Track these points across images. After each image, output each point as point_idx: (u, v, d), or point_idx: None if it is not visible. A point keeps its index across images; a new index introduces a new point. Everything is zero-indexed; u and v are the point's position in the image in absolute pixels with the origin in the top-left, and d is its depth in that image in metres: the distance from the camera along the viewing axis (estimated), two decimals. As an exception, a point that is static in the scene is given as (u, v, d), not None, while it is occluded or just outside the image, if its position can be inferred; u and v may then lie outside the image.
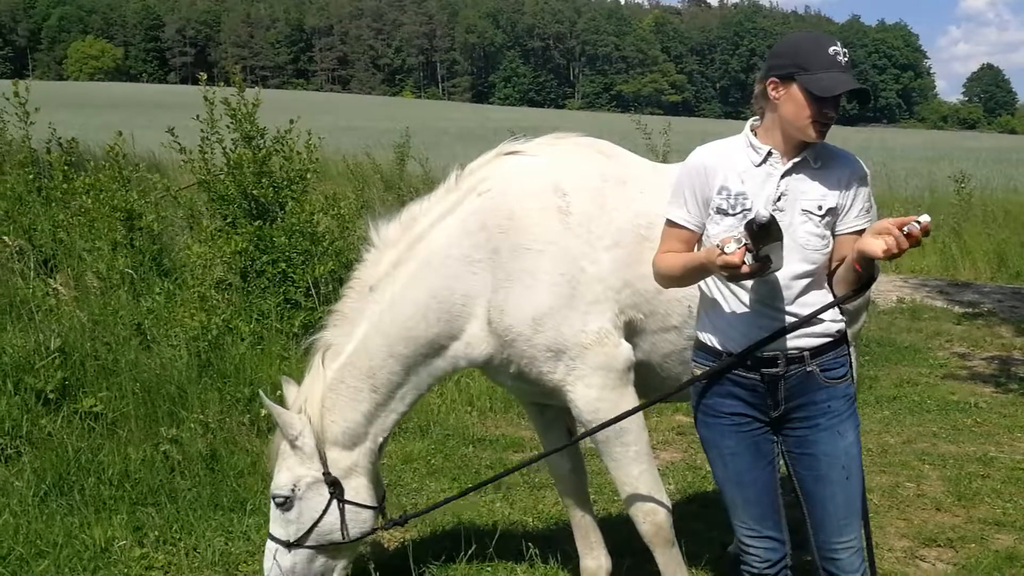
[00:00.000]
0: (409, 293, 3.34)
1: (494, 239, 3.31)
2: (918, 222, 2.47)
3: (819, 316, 2.74)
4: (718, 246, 2.57)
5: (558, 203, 3.34)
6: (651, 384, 3.48)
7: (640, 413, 3.35)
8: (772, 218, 2.50)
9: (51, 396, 5.27)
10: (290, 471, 3.41)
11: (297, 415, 3.40)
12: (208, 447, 5.16)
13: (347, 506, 3.42)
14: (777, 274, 2.69)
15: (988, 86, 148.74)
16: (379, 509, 3.58)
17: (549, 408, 3.82)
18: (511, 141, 3.66)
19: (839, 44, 2.67)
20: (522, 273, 3.27)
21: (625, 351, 3.32)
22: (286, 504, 3.42)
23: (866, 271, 2.67)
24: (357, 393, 3.39)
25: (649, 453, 3.45)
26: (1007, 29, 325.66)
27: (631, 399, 3.35)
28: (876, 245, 2.52)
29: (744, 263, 2.51)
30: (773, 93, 2.71)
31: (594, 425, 3.31)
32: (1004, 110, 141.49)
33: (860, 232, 2.70)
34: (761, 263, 2.54)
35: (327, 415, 3.40)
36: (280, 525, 3.46)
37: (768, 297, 2.74)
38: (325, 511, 3.40)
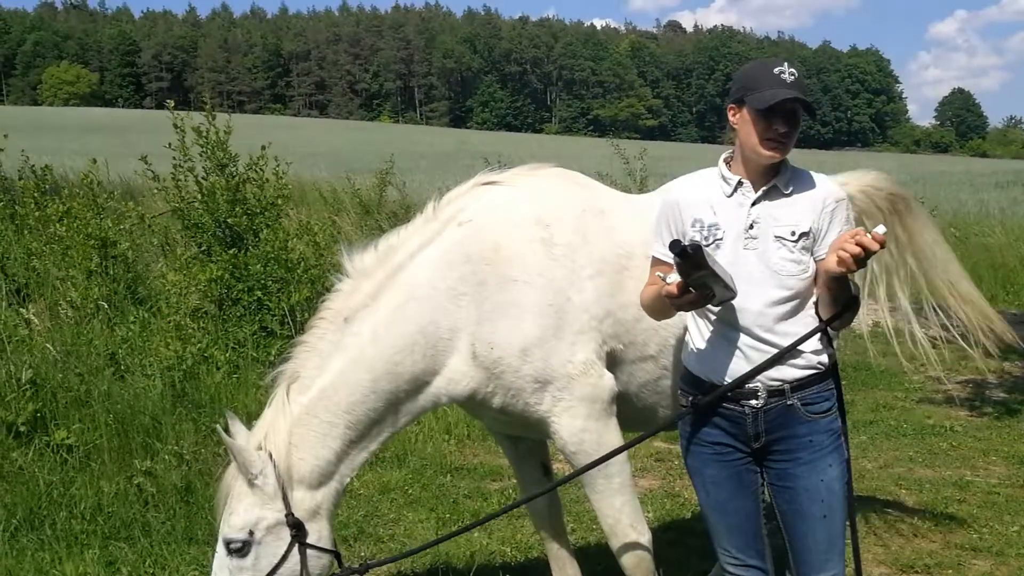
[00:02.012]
0: (396, 327, 3.23)
1: (480, 271, 3.27)
2: (870, 233, 2.52)
3: (800, 347, 2.75)
4: (659, 276, 2.66)
5: (542, 234, 3.33)
6: (627, 414, 3.46)
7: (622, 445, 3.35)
8: (694, 246, 2.54)
9: (22, 429, 5.19)
10: (247, 512, 3.11)
11: (257, 452, 3.13)
12: (183, 479, 5.09)
13: (308, 551, 3.16)
14: (753, 301, 2.71)
15: (959, 110, 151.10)
16: (337, 554, 3.34)
17: (523, 440, 3.80)
18: (488, 171, 3.66)
19: (787, 65, 2.75)
20: (509, 305, 3.24)
21: (609, 381, 3.31)
22: (243, 550, 3.11)
23: (841, 293, 2.68)
24: (331, 428, 3.20)
25: (632, 484, 3.43)
26: (975, 54, 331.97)
27: (615, 430, 3.34)
28: (831, 260, 2.60)
29: (682, 293, 2.59)
30: (732, 119, 2.81)
31: (578, 456, 3.29)
32: (975, 133, 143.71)
33: None
34: (700, 292, 2.59)
35: (294, 452, 3.15)
36: (230, 573, 3.15)
37: (746, 325, 2.75)
38: (285, 556, 3.13)
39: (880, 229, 2.54)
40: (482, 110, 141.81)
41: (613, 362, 3.37)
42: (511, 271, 3.26)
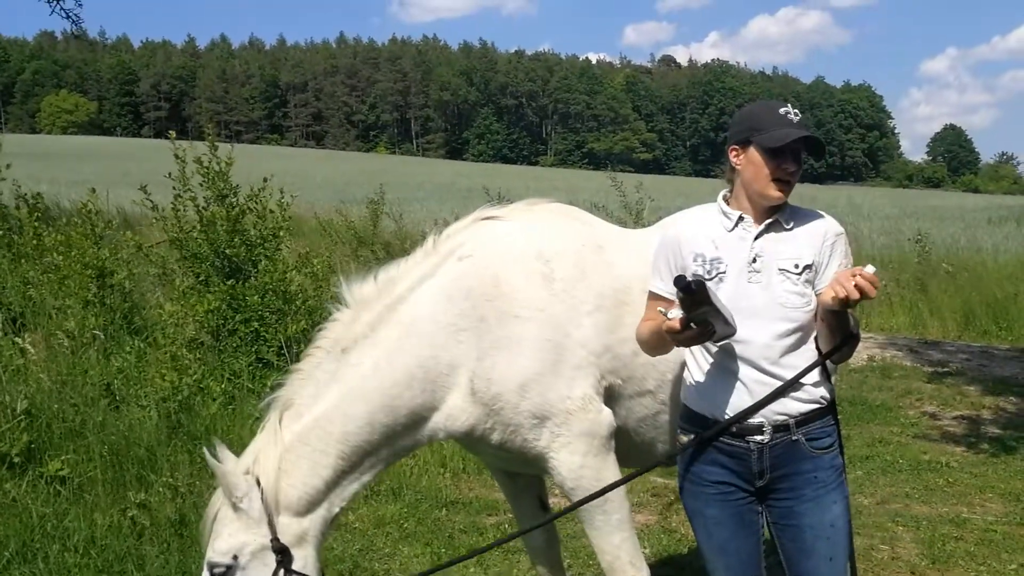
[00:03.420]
0: (397, 360, 3.21)
1: (480, 307, 3.26)
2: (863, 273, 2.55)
3: (802, 380, 2.75)
4: (661, 311, 2.67)
5: (542, 269, 3.34)
6: (625, 449, 3.45)
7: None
8: (698, 282, 2.56)
9: (16, 460, 5.15)
10: (232, 537, 3.10)
11: (244, 475, 3.13)
12: (177, 512, 5.05)
13: None
14: (759, 334, 2.73)
15: (951, 146, 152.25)
16: None
17: (520, 476, 3.79)
18: (487, 206, 3.68)
19: (790, 105, 2.79)
20: (508, 340, 3.23)
21: (607, 417, 3.31)
22: (227, 574, 3.11)
23: (840, 326, 2.69)
24: (323, 457, 3.18)
25: (630, 521, 3.42)
26: (966, 92, 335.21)
27: (613, 466, 3.33)
28: (827, 293, 2.63)
29: (684, 328, 2.61)
30: (735, 160, 2.82)
31: (577, 492, 3.27)
32: (967, 169, 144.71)
33: None
34: (701, 328, 2.60)
35: (283, 478, 3.14)
36: None
37: (751, 358, 2.76)
38: None
39: (869, 268, 2.57)
40: (478, 142, 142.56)
41: (611, 397, 3.37)
42: (511, 306, 3.26)
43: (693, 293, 2.53)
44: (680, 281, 2.55)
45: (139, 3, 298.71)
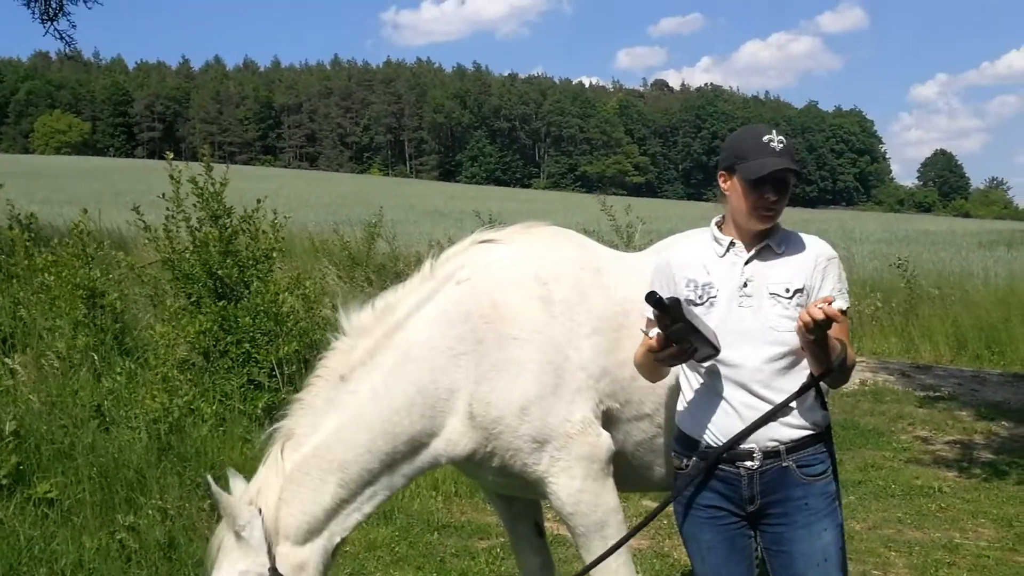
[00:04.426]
0: (395, 387, 3.21)
1: (479, 330, 3.26)
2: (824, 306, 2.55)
3: (793, 405, 2.75)
4: (642, 331, 2.73)
5: (540, 292, 3.33)
6: (623, 474, 3.43)
7: (619, 507, 3.32)
8: (672, 300, 2.59)
9: (4, 482, 5.11)
10: (232, 566, 3.11)
11: (247, 505, 3.15)
12: (166, 535, 5.02)
13: None
14: (750, 358, 2.74)
15: (942, 171, 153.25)
16: None
17: (516, 500, 3.77)
18: (484, 229, 3.68)
19: (775, 132, 2.80)
20: (508, 363, 3.23)
21: (606, 441, 3.30)
22: None
23: (819, 352, 2.67)
24: (322, 485, 3.18)
25: (627, 547, 3.38)
26: (956, 117, 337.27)
27: (612, 490, 3.32)
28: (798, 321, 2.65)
29: (663, 347, 2.64)
30: (723, 185, 2.86)
31: (575, 516, 3.26)
32: (958, 194, 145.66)
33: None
34: (680, 347, 2.64)
35: (284, 507, 3.16)
36: None
37: (743, 382, 2.76)
38: None
39: (837, 303, 2.59)
40: (471, 164, 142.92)
41: (609, 421, 3.36)
42: (509, 329, 3.26)
43: (665, 309, 2.57)
44: (651, 297, 2.57)
45: (134, 24, 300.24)
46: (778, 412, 2.73)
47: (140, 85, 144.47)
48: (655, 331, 2.67)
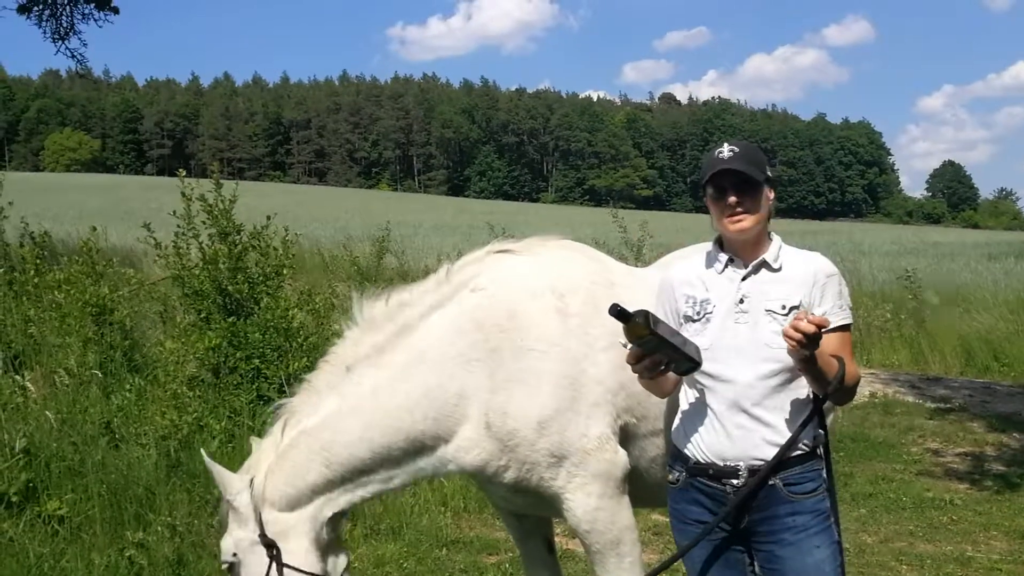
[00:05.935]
0: (400, 386, 3.24)
1: (493, 339, 3.25)
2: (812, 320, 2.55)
3: (781, 426, 2.74)
4: (621, 343, 2.74)
5: (557, 304, 3.33)
6: (636, 491, 3.39)
7: (634, 524, 3.32)
8: (640, 312, 2.61)
9: (14, 499, 5.12)
10: (230, 535, 3.27)
11: (240, 476, 3.28)
12: (175, 551, 5.01)
13: (286, 570, 3.21)
14: (743, 374, 2.74)
15: (950, 182, 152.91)
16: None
17: (527, 517, 3.75)
18: (500, 240, 3.69)
19: (726, 145, 2.90)
20: (525, 374, 3.21)
21: (623, 458, 3.28)
22: (232, 570, 3.28)
23: (812, 371, 2.64)
24: (308, 462, 3.24)
25: (642, 564, 3.37)
26: (963, 128, 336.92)
27: (627, 508, 3.30)
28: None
29: (638, 360, 2.68)
30: (707, 204, 2.93)
31: (591, 535, 3.25)
32: (967, 205, 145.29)
33: (836, 330, 2.74)
34: (653, 359, 2.67)
35: (271, 477, 3.26)
36: None
37: (734, 398, 2.76)
38: (266, 575, 3.21)
39: (839, 320, 2.66)
40: (480, 179, 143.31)
41: (625, 437, 3.34)
42: (527, 340, 3.25)
43: (627, 321, 2.58)
44: (612, 309, 2.58)
45: (144, 43, 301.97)
46: (792, 445, 2.70)
47: (150, 102, 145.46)
48: (632, 344, 2.67)
